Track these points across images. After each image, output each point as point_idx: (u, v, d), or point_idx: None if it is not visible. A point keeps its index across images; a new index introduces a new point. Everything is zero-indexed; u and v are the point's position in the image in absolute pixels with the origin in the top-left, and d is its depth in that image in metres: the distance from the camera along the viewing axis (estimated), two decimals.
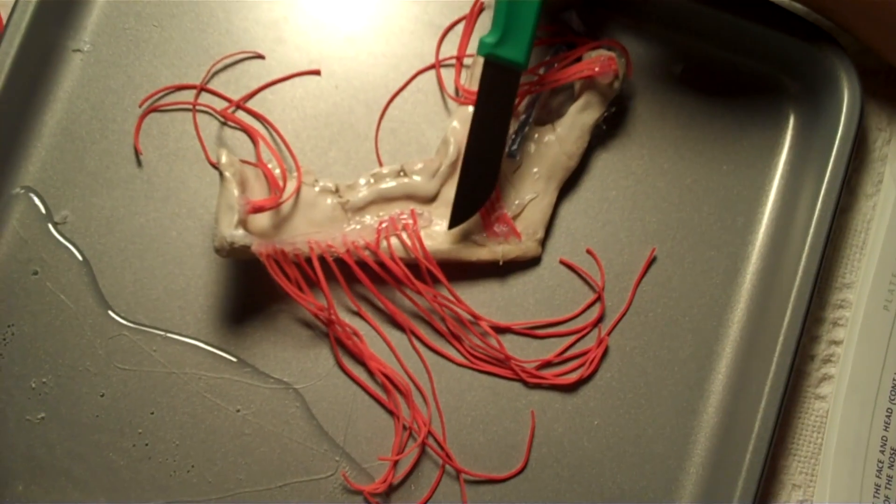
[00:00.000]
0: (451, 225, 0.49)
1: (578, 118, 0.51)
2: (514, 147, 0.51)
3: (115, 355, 0.49)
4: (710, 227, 0.52)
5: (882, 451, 0.50)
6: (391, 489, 0.49)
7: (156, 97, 0.52)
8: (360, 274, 0.49)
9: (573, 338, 0.51)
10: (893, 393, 0.50)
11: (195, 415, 0.49)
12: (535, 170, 0.51)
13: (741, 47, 0.52)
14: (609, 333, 0.51)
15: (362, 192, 0.50)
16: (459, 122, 0.51)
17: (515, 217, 0.51)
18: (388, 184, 0.50)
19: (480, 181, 0.49)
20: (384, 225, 0.49)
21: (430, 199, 0.50)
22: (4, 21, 0.50)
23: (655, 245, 0.52)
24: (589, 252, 0.52)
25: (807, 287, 0.48)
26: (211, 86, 0.52)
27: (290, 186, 0.49)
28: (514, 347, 0.51)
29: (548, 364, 0.51)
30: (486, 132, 0.48)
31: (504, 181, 0.51)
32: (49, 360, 0.49)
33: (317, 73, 0.52)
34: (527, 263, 0.51)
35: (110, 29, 0.52)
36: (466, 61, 0.52)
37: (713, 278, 0.52)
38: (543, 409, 0.50)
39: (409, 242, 0.49)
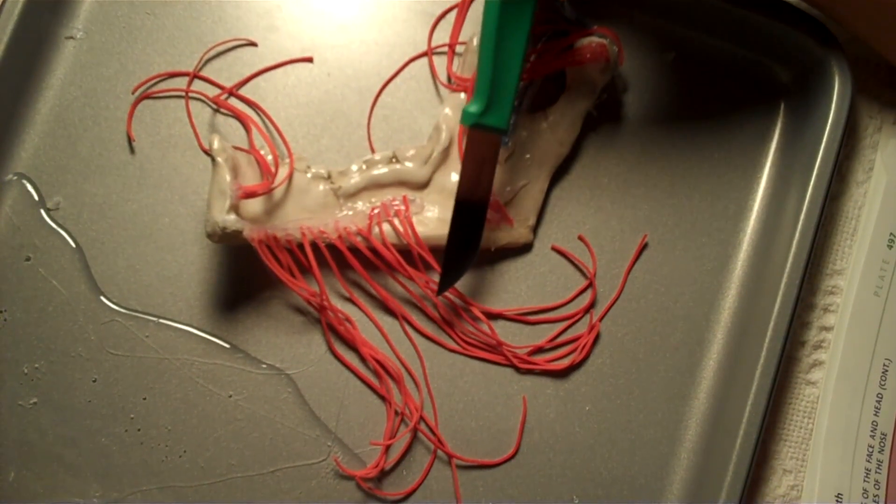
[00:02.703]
0: (441, 290, 0.49)
1: (570, 105, 0.51)
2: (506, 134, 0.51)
3: (108, 341, 0.50)
4: (702, 213, 0.52)
5: (872, 436, 0.50)
6: (383, 474, 0.49)
7: (148, 84, 0.52)
8: (352, 260, 0.49)
9: (565, 324, 0.51)
10: (884, 378, 0.51)
11: (187, 400, 0.49)
12: (527, 156, 0.51)
13: (732, 35, 0.52)
14: (601, 319, 0.51)
15: (354, 179, 0.50)
16: (451, 109, 0.51)
17: (507, 203, 0.51)
18: (381, 170, 0.50)
19: (468, 240, 0.49)
20: (376, 211, 0.49)
21: (422, 186, 0.51)
22: None
23: (647, 232, 0.52)
24: (581, 238, 0.52)
25: (797, 273, 0.48)
26: (204, 73, 0.52)
27: (282, 172, 0.49)
28: (506, 333, 0.51)
29: (539, 350, 0.51)
30: (472, 193, 0.48)
31: (496, 168, 0.51)
32: (41, 345, 0.49)
33: (309, 60, 0.52)
34: (519, 250, 0.51)
35: (103, 16, 0.52)
36: (458, 49, 0.52)
37: (704, 265, 0.52)
38: (535, 394, 0.50)
39: (401, 228, 0.49)
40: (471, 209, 0.48)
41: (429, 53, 0.53)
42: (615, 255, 0.52)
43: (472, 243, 0.49)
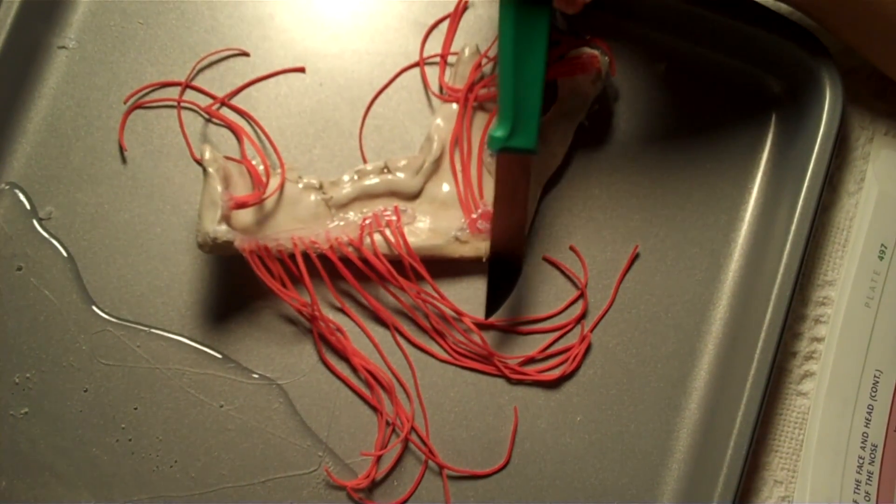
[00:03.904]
0: (488, 314, 0.50)
1: (562, 116, 0.51)
2: None
3: (99, 351, 0.50)
4: (693, 224, 0.52)
5: (863, 448, 0.50)
6: (374, 484, 0.49)
7: (141, 94, 0.52)
8: (343, 270, 0.49)
9: (556, 334, 0.51)
10: (874, 390, 0.51)
11: (178, 410, 0.49)
12: None
13: (724, 46, 0.52)
14: (592, 330, 0.51)
15: (346, 189, 0.50)
16: (443, 119, 0.51)
17: None
18: (372, 181, 0.50)
19: (510, 262, 0.50)
20: (368, 221, 0.50)
21: (414, 196, 0.51)
22: None
23: (638, 242, 0.52)
24: (572, 249, 0.52)
25: (789, 284, 0.48)
26: (196, 83, 0.52)
27: (274, 183, 0.50)
28: (498, 344, 0.51)
29: (531, 360, 0.51)
30: (510, 215, 0.49)
31: (487, 178, 0.51)
32: (33, 355, 0.49)
33: (301, 70, 0.53)
34: None
35: (95, 26, 0.52)
36: (450, 59, 0.53)
37: (696, 275, 0.52)
38: (526, 405, 0.50)
39: (392, 239, 0.49)
40: (510, 233, 0.49)
41: (421, 64, 0.53)
42: (606, 266, 0.52)
43: (514, 266, 0.50)
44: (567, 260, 0.52)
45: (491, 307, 0.50)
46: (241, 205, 0.47)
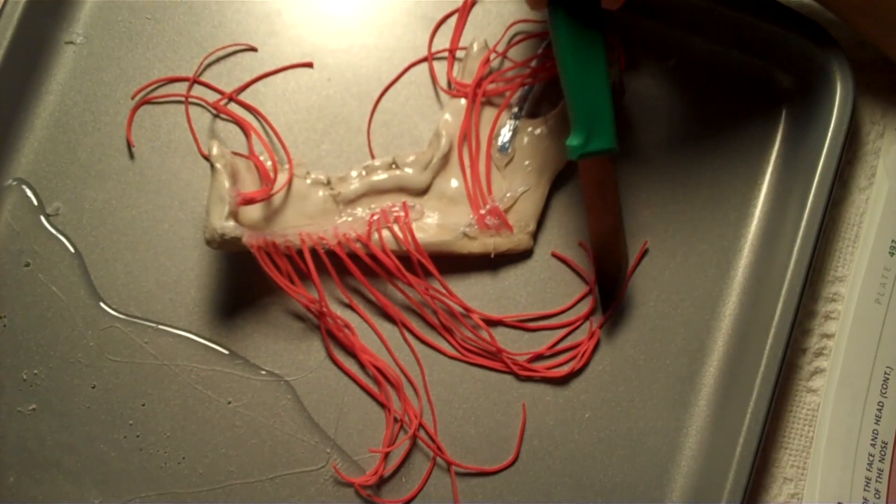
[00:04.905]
0: (605, 308, 0.51)
1: None
2: (507, 140, 0.51)
3: (107, 347, 0.50)
4: (703, 220, 0.52)
5: (873, 445, 0.50)
6: (382, 481, 0.49)
7: (148, 89, 0.52)
8: (351, 266, 0.49)
9: (565, 331, 0.51)
10: (885, 386, 0.50)
11: (186, 406, 0.49)
12: (527, 163, 0.51)
13: (733, 41, 0.52)
14: (601, 326, 0.51)
15: (354, 185, 0.50)
16: (451, 114, 0.51)
17: (507, 210, 0.51)
18: (380, 176, 0.50)
19: (615, 257, 0.50)
20: (376, 217, 0.49)
21: (422, 192, 0.50)
22: None
23: (648, 238, 0.52)
24: (581, 245, 0.51)
25: (798, 280, 0.48)
26: (203, 78, 0.52)
27: (282, 178, 0.49)
28: (506, 340, 0.51)
29: (539, 357, 0.51)
30: (606, 215, 0.49)
31: (496, 174, 0.51)
32: (41, 351, 0.49)
33: (309, 65, 0.52)
34: (519, 256, 0.51)
35: (103, 21, 0.52)
36: (459, 54, 0.52)
37: (705, 271, 0.52)
38: (535, 401, 0.50)
39: (400, 235, 0.49)
40: (608, 233, 0.49)
41: (429, 58, 0.52)
42: None
43: (618, 262, 0.50)
44: (576, 256, 0.51)
45: (605, 304, 0.51)
46: (249, 201, 0.47)
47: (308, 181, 0.50)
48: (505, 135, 0.51)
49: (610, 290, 0.50)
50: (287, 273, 0.48)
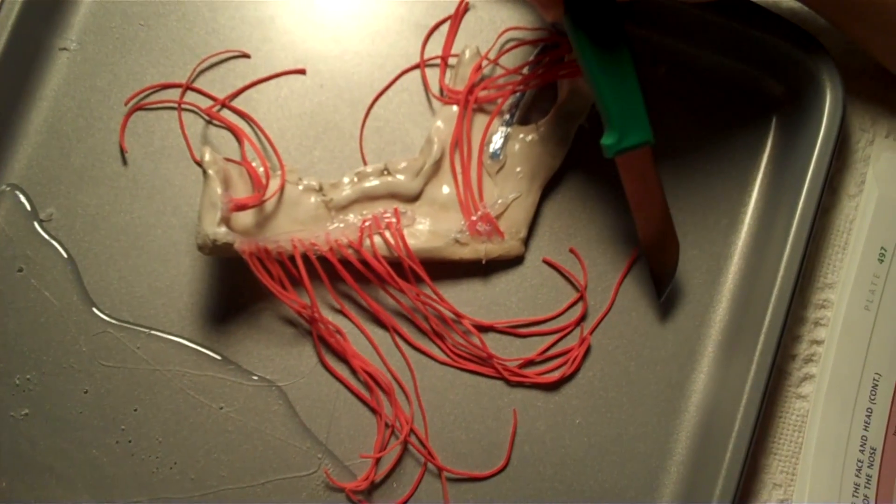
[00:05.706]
0: (660, 295, 0.51)
1: (562, 118, 0.51)
2: (498, 147, 0.51)
3: (99, 352, 0.50)
4: (693, 226, 0.52)
5: (862, 451, 0.50)
6: (373, 487, 0.50)
7: (141, 95, 0.52)
8: (343, 272, 0.49)
9: (555, 337, 0.51)
10: (873, 393, 0.51)
11: (178, 412, 0.49)
12: (519, 169, 0.51)
13: (724, 48, 0.52)
14: (591, 332, 0.51)
15: (346, 191, 0.50)
16: (443, 121, 0.51)
17: (499, 216, 0.51)
18: (372, 182, 0.50)
19: (671, 241, 0.50)
20: (367, 223, 0.50)
21: (414, 198, 0.51)
22: None
23: (638, 245, 0.52)
24: (572, 251, 0.52)
25: (788, 286, 0.48)
26: (196, 84, 0.52)
27: (274, 184, 0.50)
28: (497, 346, 0.51)
29: (530, 363, 0.51)
30: (653, 205, 0.49)
31: (487, 180, 0.51)
32: (33, 356, 0.50)
33: (302, 72, 0.53)
34: (510, 262, 0.52)
35: (97, 27, 0.53)
36: (451, 61, 0.53)
37: (696, 278, 0.52)
38: (525, 407, 0.50)
39: (392, 241, 0.49)
40: (657, 225, 0.49)
41: (421, 65, 0.53)
42: (606, 268, 0.52)
43: (676, 247, 0.50)
44: (567, 262, 0.52)
45: (661, 290, 0.51)
46: (241, 207, 0.47)
47: (300, 187, 0.50)
48: (496, 141, 0.51)
49: (670, 278, 0.50)
50: (279, 279, 0.48)
